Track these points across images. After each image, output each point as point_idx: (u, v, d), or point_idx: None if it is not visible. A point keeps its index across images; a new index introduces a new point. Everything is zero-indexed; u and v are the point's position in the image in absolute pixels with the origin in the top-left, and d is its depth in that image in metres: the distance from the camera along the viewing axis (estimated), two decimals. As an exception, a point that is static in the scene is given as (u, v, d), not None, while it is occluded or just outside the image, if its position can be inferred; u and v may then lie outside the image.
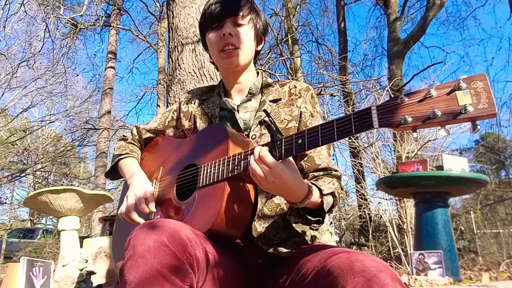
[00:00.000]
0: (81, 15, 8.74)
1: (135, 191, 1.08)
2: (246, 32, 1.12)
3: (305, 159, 1.09)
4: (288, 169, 0.87)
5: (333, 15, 12.22)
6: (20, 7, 7.55)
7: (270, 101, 1.14)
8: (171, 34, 2.93)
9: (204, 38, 1.19)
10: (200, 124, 1.18)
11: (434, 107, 0.67)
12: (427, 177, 3.27)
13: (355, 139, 5.96)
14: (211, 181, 0.98)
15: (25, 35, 12.50)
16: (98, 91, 13.60)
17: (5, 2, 7.10)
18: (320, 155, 1.09)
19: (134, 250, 0.75)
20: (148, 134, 1.30)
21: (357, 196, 6.66)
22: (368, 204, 6.06)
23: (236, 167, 0.93)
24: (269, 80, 1.21)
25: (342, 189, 1.08)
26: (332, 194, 1.00)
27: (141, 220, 1.04)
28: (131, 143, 1.30)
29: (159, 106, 11.08)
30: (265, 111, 0.91)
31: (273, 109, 1.13)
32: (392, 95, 6.47)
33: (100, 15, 10.00)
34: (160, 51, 11.73)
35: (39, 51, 9.27)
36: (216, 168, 0.97)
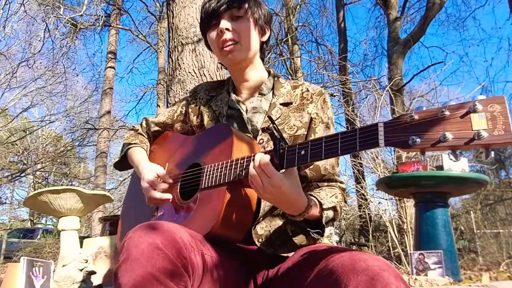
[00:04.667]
0: (81, 15, 8.73)
1: (148, 175, 1.08)
2: (244, 23, 1.08)
3: (310, 167, 1.06)
4: (288, 180, 0.85)
5: (332, 15, 12.26)
6: (20, 7, 7.56)
7: (281, 104, 1.11)
8: (171, 34, 2.93)
9: (207, 39, 1.16)
10: (208, 122, 1.16)
11: (446, 130, 0.63)
12: (427, 177, 3.26)
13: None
14: (213, 184, 0.97)
15: (25, 35, 12.51)
16: (98, 91, 13.62)
17: (5, 2, 7.10)
18: (326, 164, 1.06)
19: (128, 254, 0.74)
20: (157, 128, 1.29)
21: (357, 196, 6.66)
22: (368, 204, 6.06)
23: (238, 173, 0.92)
24: (281, 81, 1.17)
25: (345, 202, 1.05)
26: (334, 208, 0.98)
27: (167, 195, 1.06)
28: (141, 134, 1.29)
29: (159, 106, 11.07)
30: (269, 117, 0.89)
31: (283, 112, 1.09)
32: (392, 95, 6.47)
33: (100, 15, 10.01)
34: (160, 51, 11.72)
35: (39, 51, 9.29)
36: (219, 171, 0.96)
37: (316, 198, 0.95)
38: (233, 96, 1.16)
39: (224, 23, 1.06)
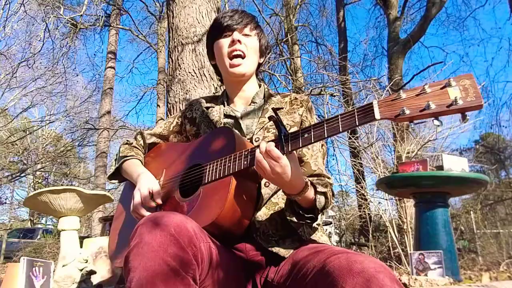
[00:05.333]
0: (81, 15, 8.73)
1: (142, 189, 1.10)
2: (253, 42, 1.23)
3: (301, 164, 1.13)
4: (292, 162, 0.91)
5: (332, 15, 12.24)
6: (20, 7, 7.56)
7: (272, 109, 1.18)
8: (171, 34, 2.94)
9: (211, 48, 1.26)
10: (204, 130, 1.22)
11: (429, 100, 0.76)
12: (427, 177, 3.26)
13: (355, 139, 5.95)
14: (217, 177, 1.00)
15: (25, 35, 12.53)
16: (98, 91, 13.64)
17: (5, 2, 7.10)
18: (316, 161, 1.15)
19: (140, 238, 0.77)
20: (153, 139, 1.34)
21: (357, 196, 6.66)
22: (368, 204, 6.06)
23: (243, 162, 0.96)
24: (271, 92, 1.29)
25: (333, 195, 1.13)
26: (325, 195, 1.04)
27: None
28: (135, 147, 1.33)
29: (159, 106, 11.07)
30: (273, 109, 0.96)
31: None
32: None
33: (100, 15, 10.02)
34: (160, 51, 11.72)
35: (39, 51, 9.28)
36: (223, 165, 1.00)
37: (311, 182, 1.02)
38: (227, 106, 1.25)
39: (238, 35, 1.19)
